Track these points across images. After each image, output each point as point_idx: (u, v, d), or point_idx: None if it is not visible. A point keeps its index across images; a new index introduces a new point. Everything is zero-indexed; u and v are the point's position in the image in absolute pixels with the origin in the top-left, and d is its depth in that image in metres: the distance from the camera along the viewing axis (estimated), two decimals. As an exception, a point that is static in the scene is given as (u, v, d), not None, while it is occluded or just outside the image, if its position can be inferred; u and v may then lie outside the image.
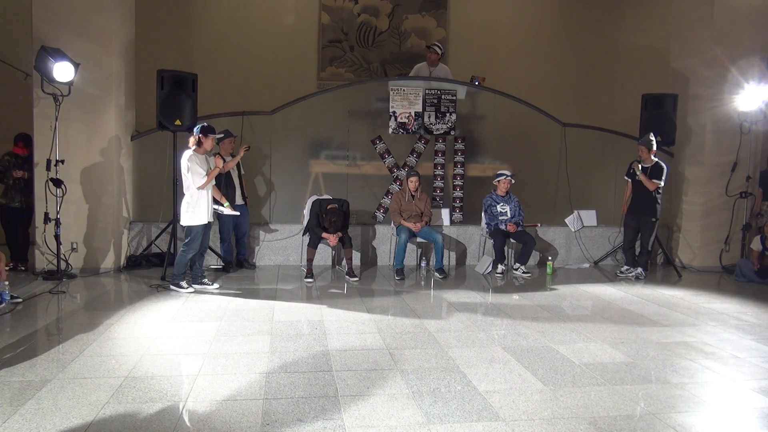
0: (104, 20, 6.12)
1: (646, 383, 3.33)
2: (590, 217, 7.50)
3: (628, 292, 5.82)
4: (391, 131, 7.24)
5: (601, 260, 7.37)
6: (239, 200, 6.32)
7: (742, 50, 7.02)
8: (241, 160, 6.32)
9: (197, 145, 5.25)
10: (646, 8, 9.01)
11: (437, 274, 6.35)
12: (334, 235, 6.08)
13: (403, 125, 7.24)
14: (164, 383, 3.18)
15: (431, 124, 7.27)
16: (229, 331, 4.18)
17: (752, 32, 7.06)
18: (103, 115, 6.20)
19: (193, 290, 5.40)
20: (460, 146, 7.38)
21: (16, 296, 4.87)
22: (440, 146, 7.34)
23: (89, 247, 6.25)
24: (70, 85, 5.65)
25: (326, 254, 6.93)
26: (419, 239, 6.60)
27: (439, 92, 7.25)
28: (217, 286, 5.57)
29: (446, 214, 7.33)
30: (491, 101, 7.51)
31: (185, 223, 5.30)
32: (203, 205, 5.29)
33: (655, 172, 6.40)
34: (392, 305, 5.09)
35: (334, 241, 6.10)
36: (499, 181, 6.68)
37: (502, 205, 6.65)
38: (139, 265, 6.41)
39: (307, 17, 9.08)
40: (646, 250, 6.58)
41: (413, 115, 7.24)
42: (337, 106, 7.21)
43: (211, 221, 5.45)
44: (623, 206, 6.79)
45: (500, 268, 6.57)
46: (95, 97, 6.12)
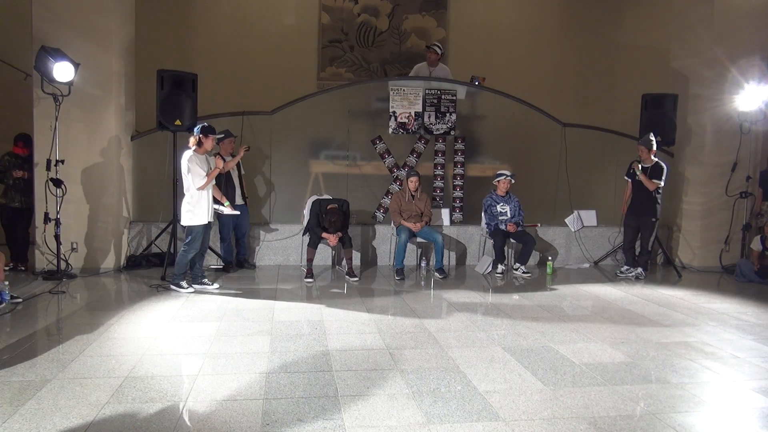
0: (104, 20, 6.13)
1: (646, 383, 3.33)
2: (590, 217, 7.50)
3: (628, 292, 5.82)
4: (391, 131, 7.24)
5: (601, 260, 7.37)
6: (239, 200, 6.32)
7: (742, 50, 7.03)
8: (241, 160, 6.32)
9: (197, 145, 5.25)
10: (646, 8, 9.01)
11: (437, 274, 6.35)
12: (334, 235, 6.08)
13: (403, 125, 7.24)
14: (164, 383, 3.18)
15: (431, 124, 7.27)
16: (229, 331, 4.18)
17: (752, 32, 7.06)
18: (103, 115, 6.21)
19: (193, 290, 5.40)
20: (460, 146, 7.38)
21: (16, 296, 4.87)
22: (440, 146, 7.34)
23: (89, 247, 6.26)
24: (70, 85, 5.66)
25: (326, 254, 6.93)
26: (419, 239, 6.60)
27: (439, 92, 7.25)
28: (217, 286, 5.57)
29: (446, 214, 7.33)
30: (491, 101, 7.51)
31: (186, 223, 5.30)
32: (204, 205, 5.29)
33: (655, 172, 6.40)
34: (392, 305, 5.09)
35: (334, 241, 6.11)
36: (499, 181, 6.68)
37: (502, 205, 6.65)
38: (139, 265, 6.42)
39: (307, 17, 9.08)
40: (646, 250, 6.58)
41: (413, 115, 7.24)
42: (337, 106, 7.21)
43: (211, 221, 5.46)
44: (623, 206, 6.79)
45: (500, 268, 6.57)
46: (95, 97, 6.13)
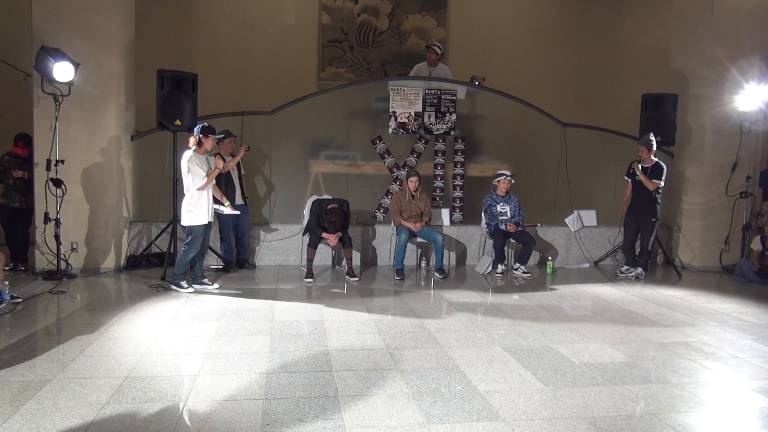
0: (104, 20, 6.13)
1: (646, 383, 3.33)
2: (590, 217, 7.50)
3: (628, 292, 5.82)
4: (391, 131, 7.24)
5: (601, 260, 7.37)
6: (239, 200, 6.32)
7: (742, 50, 7.03)
8: (241, 160, 6.32)
9: (197, 145, 5.25)
10: (646, 8, 9.01)
11: (437, 274, 6.35)
12: (334, 235, 6.08)
13: (403, 125, 7.24)
14: (164, 383, 3.18)
15: (431, 124, 7.27)
16: (229, 331, 4.18)
17: (752, 32, 7.06)
18: (103, 115, 6.21)
19: (193, 290, 5.40)
20: (460, 146, 7.38)
21: (16, 296, 4.87)
22: (440, 146, 7.34)
23: (89, 247, 6.26)
24: (70, 85, 5.66)
25: (326, 254, 6.93)
26: (419, 239, 6.60)
27: (439, 92, 7.25)
28: (217, 286, 5.57)
29: (446, 214, 7.33)
30: (491, 101, 7.51)
31: (186, 223, 5.30)
32: (204, 205, 5.29)
33: (655, 172, 6.40)
34: (392, 305, 5.09)
35: (334, 241, 6.11)
36: (499, 181, 6.68)
37: (502, 205, 6.65)
38: (139, 265, 6.42)
39: (307, 17, 9.08)
40: (646, 250, 6.58)
41: (413, 115, 7.24)
42: (337, 106, 7.21)
43: (211, 221, 5.46)
44: (623, 206, 6.79)
45: (500, 268, 6.57)
46: (95, 97, 6.13)
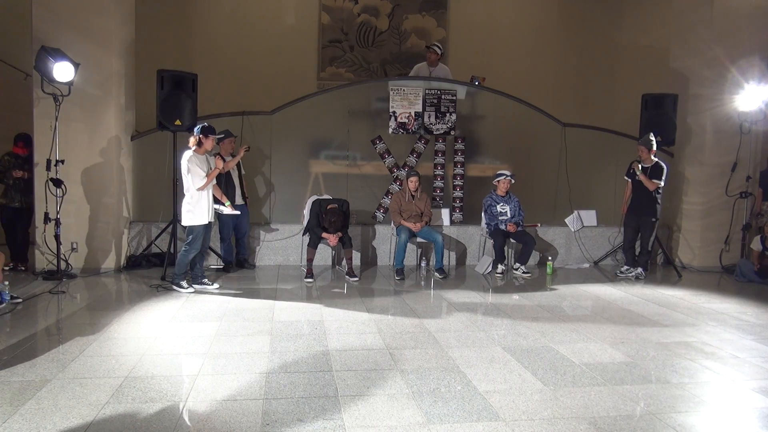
0: (104, 20, 6.13)
1: (646, 383, 3.33)
2: (590, 217, 7.50)
3: (628, 292, 5.82)
4: (391, 131, 7.24)
5: (601, 260, 7.37)
6: (239, 200, 6.32)
7: (742, 50, 7.03)
8: (241, 160, 6.32)
9: (197, 145, 5.25)
10: (646, 8, 9.01)
11: (437, 274, 6.35)
12: (334, 235, 6.08)
13: (403, 125, 7.24)
14: (164, 383, 3.18)
15: (431, 124, 7.27)
16: (229, 331, 4.18)
17: (752, 32, 7.06)
18: (103, 115, 6.21)
19: (193, 290, 5.40)
20: (460, 146, 7.38)
21: (16, 296, 4.87)
22: (440, 146, 7.34)
23: (89, 247, 6.25)
24: (70, 85, 5.66)
25: (326, 254, 6.93)
26: (419, 239, 6.60)
27: (439, 92, 7.25)
28: (217, 286, 5.57)
29: (446, 214, 7.33)
30: (491, 101, 7.51)
31: (186, 223, 5.30)
32: (204, 205, 5.29)
33: (655, 172, 6.40)
34: (392, 305, 5.09)
35: (334, 241, 6.10)
36: (498, 181, 6.68)
37: (502, 205, 6.65)
38: (139, 265, 6.42)
39: (307, 17, 9.08)
40: (646, 250, 6.58)
41: (413, 115, 7.24)
42: (337, 106, 7.21)
43: (212, 221, 5.46)
44: (623, 206, 6.79)
45: (500, 268, 6.57)
46: (95, 97, 6.13)
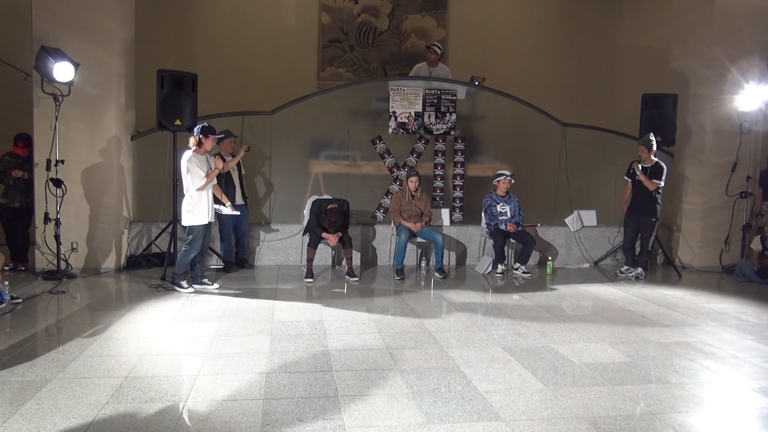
0: (104, 20, 6.13)
1: (646, 383, 3.33)
2: (590, 217, 7.50)
3: (628, 292, 5.82)
4: (391, 131, 7.24)
5: (601, 260, 7.37)
6: (239, 200, 6.33)
7: (742, 50, 7.03)
8: (241, 160, 6.32)
9: (197, 145, 5.25)
10: (646, 8, 9.00)
11: (437, 274, 6.35)
12: (334, 235, 6.08)
13: (403, 125, 7.24)
14: (164, 383, 3.18)
15: (431, 124, 7.27)
16: (229, 331, 4.18)
17: (752, 32, 7.06)
18: (103, 115, 6.21)
19: (193, 290, 5.40)
20: (460, 146, 7.38)
21: (16, 296, 4.87)
22: (440, 146, 7.34)
23: (89, 247, 6.25)
24: (70, 85, 5.66)
25: (326, 254, 6.93)
26: (419, 239, 6.60)
27: (439, 92, 7.25)
28: (217, 286, 5.57)
29: (446, 214, 7.33)
30: (491, 101, 7.51)
31: (186, 223, 5.30)
32: (204, 205, 5.29)
33: (655, 172, 6.40)
34: (392, 305, 5.09)
35: (334, 241, 6.10)
36: (498, 181, 6.68)
37: (502, 205, 6.65)
38: (139, 265, 6.42)
39: (307, 17, 9.08)
40: (646, 250, 6.58)
41: (413, 115, 7.24)
42: (337, 106, 7.21)
43: (212, 221, 5.46)
44: (623, 206, 6.79)
45: (500, 268, 6.57)
46: (95, 97, 6.13)
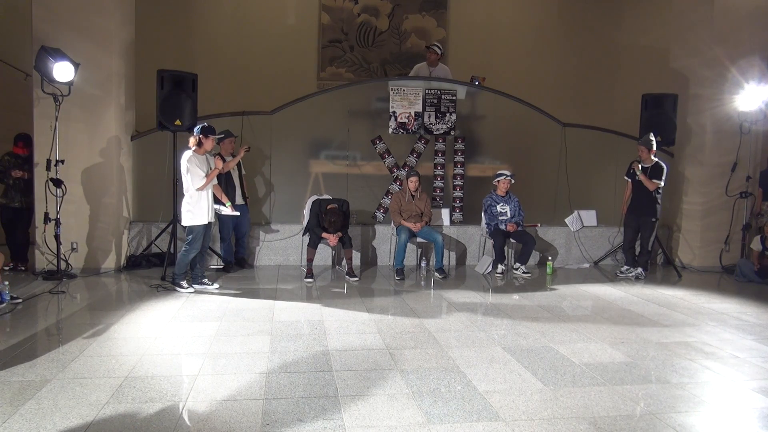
0: (104, 20, 6.13)
1: (646, 383, 3.33)
2: (590, 217, 7.50)
3: (628, 292, 5.82)
4: (391, 131, 7.24)
5: (601, 260, 7.37)
6: (239, 200, 6.33)
7: (742, 50, 7.03)
8: (241, 160, 6.32)
9: (197, 145, 5.25)
10: (646, 8, 9.01)
11: (437, 274, 6.35)
12: (334, 235, 6.08)
13: (403, 125, 7.24)
14: (164, 383, 3.18)
15: (431, 124, 7.27)
16: (229, 331, 4.18)
17: (752, 32, 7.06)
18: (103, 115, 6.21)
19: (193, 290, 5.40)
20: (460, 146, 7.38)
21: (16, 296, 4.87)
22: (440, 146, 7.34)
23: (89, 247, 6.25)
24: (70, 85, 5.66)
25: (326, 254, 6.93)
26: (419, 239, 6.60)
27: (439, 92, 7.25)
28: (217, 286, 5.57)
29: (446, 214, 7.33)
30: (491, 101, 7.51)
31: (186, 223, 5.30)
32: (204, 205, 5.29)
33: (655, 172, 6.40)
34: (392, 305, 5.09)
35: (334, 241, 6.10)
36: (498, 181, 6.68)
37: (502, 205, 6.65)
38: (139, 265, 6.42)
39: (307, 17, 9.09)
40: (646, 250, 6.58)
41: (413, 115, 7.24)
42: (337, 106, 7.22)
43: (212, 221, 5.46)
44: (623, 206, 6.79)
45: (500, 268, 6.57)
46: (95, 97, 6.13)
